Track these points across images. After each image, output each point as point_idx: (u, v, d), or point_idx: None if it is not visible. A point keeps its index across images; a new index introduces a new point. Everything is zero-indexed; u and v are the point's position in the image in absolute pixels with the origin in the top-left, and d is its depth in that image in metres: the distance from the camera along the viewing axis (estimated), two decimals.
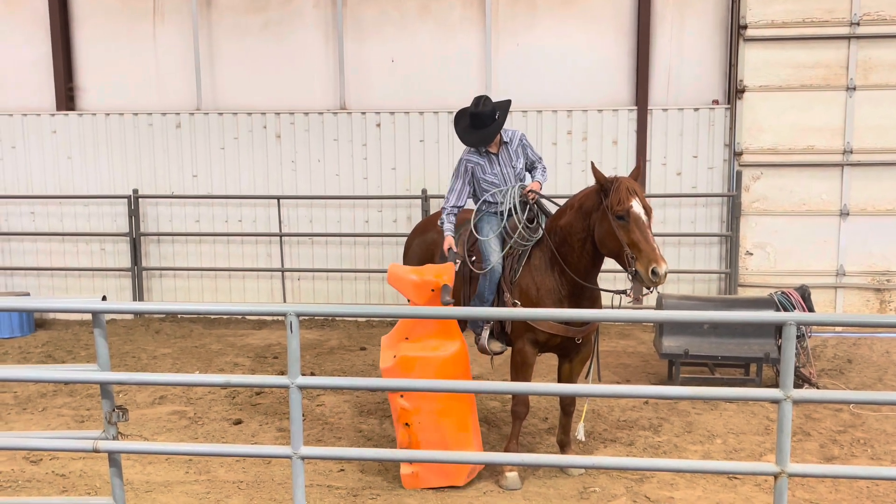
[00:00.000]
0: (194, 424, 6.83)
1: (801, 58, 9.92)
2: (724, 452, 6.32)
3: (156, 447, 4.50)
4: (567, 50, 10.42)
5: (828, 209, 10.09)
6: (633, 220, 5.19)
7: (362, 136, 10.67)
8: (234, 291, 11.06)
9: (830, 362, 8.73)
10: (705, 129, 10.23)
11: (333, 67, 10.73)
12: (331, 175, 10.75)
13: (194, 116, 10.87)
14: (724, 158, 10.23)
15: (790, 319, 3.18)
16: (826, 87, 9.94)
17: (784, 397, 3.22)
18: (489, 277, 5.86)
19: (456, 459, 4.54)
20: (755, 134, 10.10)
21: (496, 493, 5.55)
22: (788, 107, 10.00)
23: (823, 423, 6.83)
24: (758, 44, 9.94)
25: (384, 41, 10.64)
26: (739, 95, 10.03)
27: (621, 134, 10.36)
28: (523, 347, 5.74)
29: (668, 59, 10.34)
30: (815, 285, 9.30)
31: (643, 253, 5.12)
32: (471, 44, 10.58)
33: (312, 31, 10.73)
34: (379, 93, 10.75)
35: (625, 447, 6.38)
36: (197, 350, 9.34)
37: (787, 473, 3.31)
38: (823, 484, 5.69)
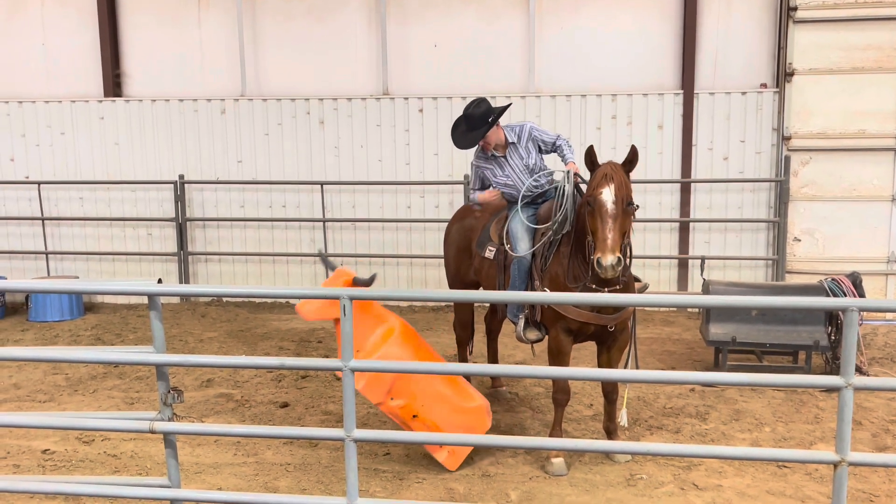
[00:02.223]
0: (241, 407, 6.91)
1: (853, 39, 9.70)
2: (773, 440, 6.24)
3: (210, 429, 4.56)
4: (611, 33, 10.30)
5: (879, 195, 9.88)
6: (597, 207, 5.13)
7: (405, 121, 10.67)
8: (278, 276, 11.16)
9: (881, 350, 8.58)
10: (753, 113, 10.06)
11: (376, 52, 10.73)
12: (373, 161, 10.78)
13: (238, 102, 10.95)
14: (772, 143, 10.05)
15: (853, 305, 3.12)
16: (878, 69, 9.71)
17: (845, 385, 3.17)
18: (519, 265, 5.86)
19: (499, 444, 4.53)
20: (804, 118, 9.91)
21: (542, 479, 5.55)
22: (839, 90, 9.79)
23: (875, 413, 6.72)
24: (808, 25, 9.73)
25: (427, 25, 10.62)
26: (788, 79, 9.83)
27: (667, 118, 10.23)
28: (557, 335, 5.71)
29: (714, 42, 10.17)
30: (865, 272, 9.09)
31: (597, 242, 5.09)
32: (514, 28, 10.51)
33: (356, 14, 10.73)
34: (421, 78, 10.73)
35: (672, 434, 6.34)
36: (242, 334, 9.44)
37: (848, 462, 3.25)
38: (877, 474, 5.60)
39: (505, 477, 5.60)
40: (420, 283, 10.85)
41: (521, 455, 5.90)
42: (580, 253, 5.56)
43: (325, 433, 4.09)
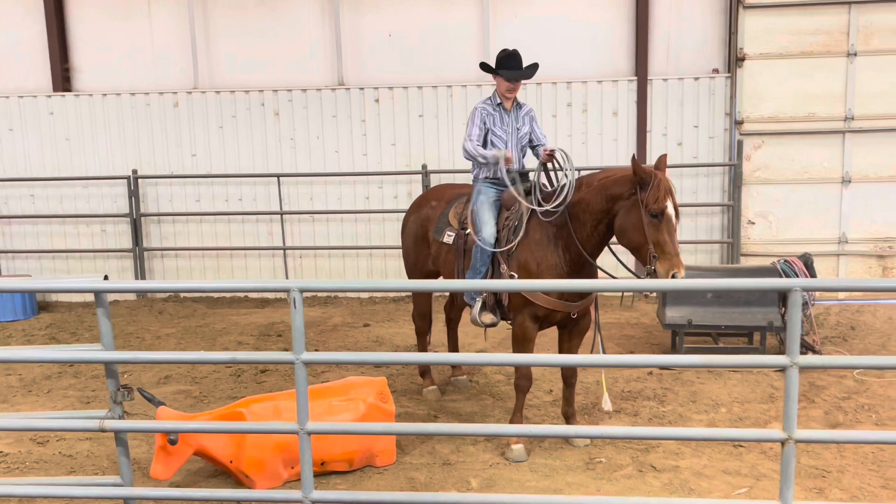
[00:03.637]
0: (200, 403, 6.85)
1: (802, 24, 9.84)
2: (729, 421, 6.34)
3: (161, 425, 4.50)
4: (566, 21, 10.33)
5: (829, 177, 10.05)
6: (666, 221, 5.20)
7: (361, 112, 10.62)
8: (236, 270, 11.06)
9: (834, 329, 8.74)
10: (706, 98, 10.17)
11: (331, 43, 10.65)
12: (330, 152, 10.71)
13: (192, 95, 10.81)
14: (725, 128, 10.18)
15: (796, 285, 3.17)
16: (827, 53, 9.87)
17: (791, 364, 3.22)
18: (481, 249, 5.85)
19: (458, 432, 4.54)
20: (756, 102, 10.04)
21: (502, 466, 5.57)
22: (789, 74, 9.94)
23: (828, 391, 6.85)
24: (757, 11, 9.85)
25: (382, 15, 10.56)
26: (739, 64, 9.96)
27: (621, 105, 10.30)
28: (523, 322, 5.73)
29: (667, 28, 10.25)
30: (817, 253, 9.30)
31: (667, 255, 5.17)
32: (469, 16, 10.49)
33: (309, 5, 10.64)
34: (377, 68, 10.68)
35: (630, 417, 6.40)
36: (201, 329, 9.35)
37: (795, 440, 3.31)
38: (829, 450, 5.71)
39: (466, 465, 5.61)
40: (380, 274, 10.84)
41: (482, 442, 5.93)
42: (561, 241, 5.64)
43: (279, 426, 4.07)
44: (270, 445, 5.15)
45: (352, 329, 9.21)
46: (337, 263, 10.90)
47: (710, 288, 3.82)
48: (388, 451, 5.62)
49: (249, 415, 5.09)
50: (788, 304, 3.17)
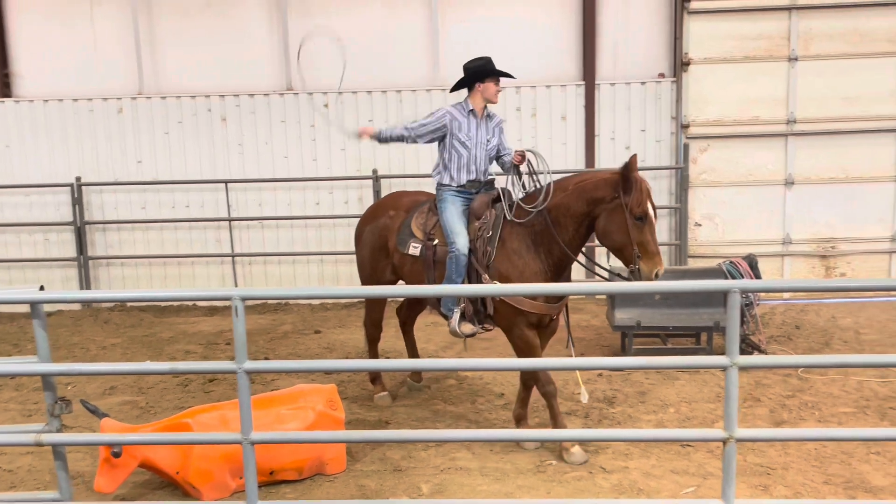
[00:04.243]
0: (146, 414, 6.73)
1: (744, 30, 10.03)
2: (677, 421, 6.41)
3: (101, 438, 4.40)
4: (514, 26, 10.38)
5: (773, 179, 10.25)
6: (649, 222, 5.39)
7: (310, 117, 10.55)
8: (184, 278, 10.90)
9: (779, 329, 8.89)
10: (652, 102, 10.30)
11: (278, 47, 10.57)
12: (279, 157, 10.62)
13: (136, 101, 10.64)
14: (672, 131, 10.32)
15: (734, 287, 3.21)
16: (769, 58, 10.07)
17: (730, 364, 3.27)
18: (457, 260, 5.80)
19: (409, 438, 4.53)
20: (701, 106, 10.20)
21: (453, 471, 5.56)
22: (733, 78, 10.11)
23: (773, 389, 6.96)
24: (701, 16, 10.01)
25: (330, 19, 10.49)
26: (684, 68, 10.11)
27: (570, 109, 10.39)
28: (522, 332, 5.77)
29: (613, 33, 10.37)
30: (762, 254, 9.47)
31: (650, 255, 5.36)
32: (417, 21, 10.49)
33: (256, 9, 10.54)
34: (326, 73, 10.58)
35: (580, 419, 6.44)
36: (147, 339, 9.19)
37: (735, 439, 3.35)
38: (773, 448, 5.80)
39: (417, 470, 5.59)
40: (332, 280, 10.77)
41: (433, 448, 5.90)
42: (542, 246, 5.69)
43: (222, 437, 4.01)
44: (218, 456, 5.07)
45: (303, 336, 9.13)
46: (287, 270, 10.81)
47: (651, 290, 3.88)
48: (338, 459, 5.58)
49: (196, 425, 5.01)
50: (727, 306, 3.22)
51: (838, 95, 10.03)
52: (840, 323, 9.09)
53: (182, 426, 5.02)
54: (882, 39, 9.95)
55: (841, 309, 9.65)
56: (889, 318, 9.18)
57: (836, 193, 10.19)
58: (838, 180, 10.17)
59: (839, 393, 6.85)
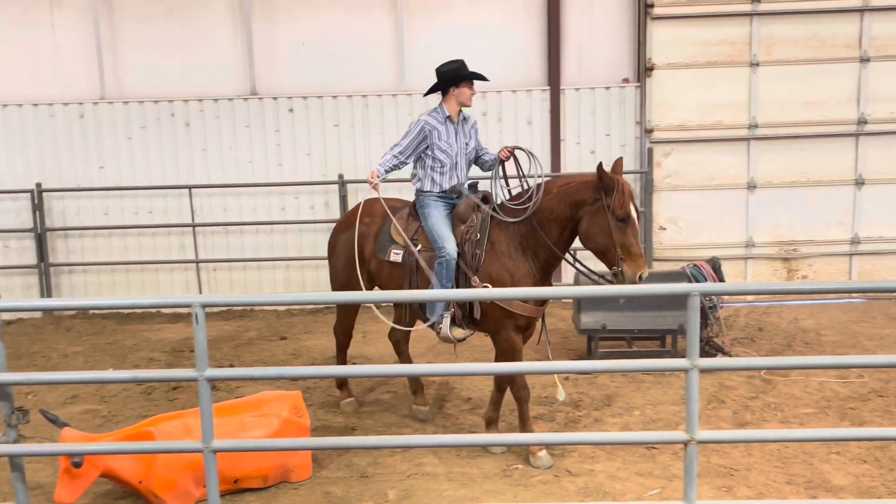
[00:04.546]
0: (109, 423, 6.64)
1: (707, 35, 10.14)
2: (643, 423, 6.45)
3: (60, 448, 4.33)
4: (480, 31, 10.39)
5: (736, 182, 10.37)
6: (631, 224, 5.42)
7: (275, 121, 10.48)
8: (148, 285, 10.77)
9: (743, 331, 8.99)
10: (617, 107, 10.38)
11: (242, 52, 10.49)
12: (244, 162, 10.54)
13: (98, 106, 10.50)
14: (636, 136, 10.40)
15: (693, 290, 3.24)
16: (731, 63, 10.19)
17: (691, 366, 3.30)
18: (447, 265, 5.77)
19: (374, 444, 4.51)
20: (665, 111, 10.30)
21: (419, 476, 5.56)
22: (696, 84, 10.22)
23: (737, 391, 7.04)
24: (664, 22, 10.11)
25: (295, 24, 10.45)
26: (648, 73, 10.20)
27: (535, 114, 10.43)
28: (510, 336, 5.77)
29: (578, 38, 10.43)
30: (725, 257, 9.57)
31: (634, 257, 5.38)
32: (383, 26, 10.47)
33: (219, 14, 10.46)
34: (291, 77, 10.56)
35: (546, 423, 6.47)
36: (110, 347, 9.07)
37: (697, 440, 3.38)
38: (737, 449, 5.86)
39: (383, 476, 5.58)
40: (297, 286, 10.70)
41: (399, 454, 5.90)
42: (530, 249, 5.72)
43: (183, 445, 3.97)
44: (181, 464, 5.02)
45: (268, 342, 9.07)
46: (253, 276, 10.72)
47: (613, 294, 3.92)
48: (303, 466, 5.55)
49: (159, 434, 4.94)
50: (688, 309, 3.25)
51: (799, 100, 10.18)
52: (802, 325, 9.21)
53: (144, 435, 4.95)
54: (841, 45, 10.12)
55: (803, 311, 9.78)
56: (850, 320, 9.32)
57: (798, 197, 10.34)
58: (799, 184, 10.31)
59: (801, 394, 6.95)
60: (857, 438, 5.76)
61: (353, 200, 10.33)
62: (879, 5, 9.95)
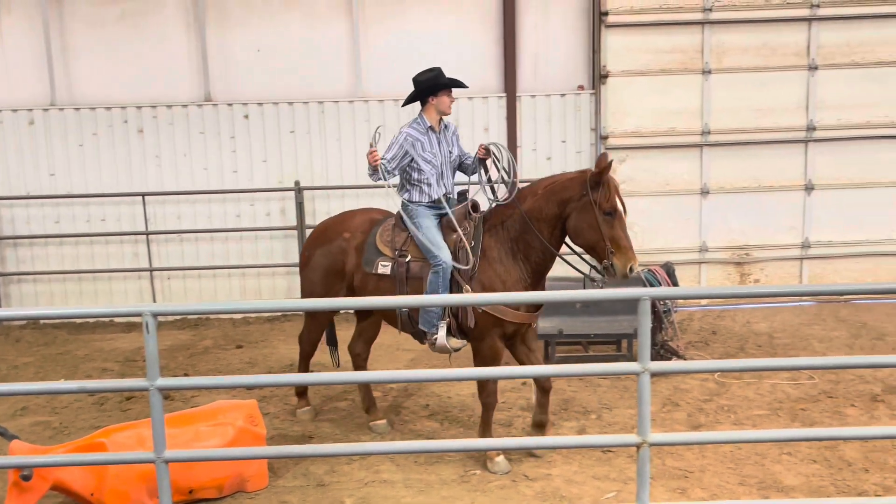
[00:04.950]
0: (60, 434, 6.52)
1: (660, 43, 10.27)
2: (599, 427, 6.51)
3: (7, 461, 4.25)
4: (436, 38, 10.39)
5: (690, 188, 10.50)
6: (618, 217, 5.50)
7: (230, 128, 10.38)
8: (101, 294, 10.59)
9: (697, 335, 9.11)
10: (572, 114, 10.46)
11: (197, 59, 10.38)
12: (198, 169, 10.42)
13: (48, 112, 10.31)
14: (591, 142, 10.49)
15: (644, 294, 3.28)
16: (684, 71, 10.33)
17: (642, 370, 3.34)
18: (443, 274, 5.74)
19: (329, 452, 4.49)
20: (619, 118, 10.40)
21: (377, 484, 5.56)
22: (650, 91, 10.33)
23: (691, 394, 7.13)
24: (618, 30, 10.22)
25: (249, 31, 10.37)
26: (603, 81, 10.30)
27: (492, 121, 10.48)
28: (494, 343, 5.77)
29: (534, 46, 10.49)
30: (680, 262, 9.69)
31: (623, 250, 5.48)
32: (339, 33, 10.44)
33: (173, 20, 10.34)
34: (246, 83, 10.47)
35: (504, 428, 6.49)
36: (62, 357, 8.91)
37: (649, 443, 3.42)
38: (691, 451, 5.95)
39: (340, 484, 5.57)
40: (254, 294, 10.60)
41: (357, 461, 5.88)
42: (520, 253, 5.75)
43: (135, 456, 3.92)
44: (134, 476, 4.94)
45: (224, 351, 8.97)
46: (208, 284, 10.60)
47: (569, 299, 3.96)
48: (259, 475, 5.50)
49: (111, 445, 4.87)
50: (639, 313, 3.29)
51: (750, 107, 10.34)
52: (755, 328, 9.36)
53: (96, 446, 4.87)
54: (791, 53, 10.32)
55: (756, 314, 9.95)
56: (801, 323, 9.49)
57: (750, 202, 10.49)
58: (751, 189, 10.49)
59: (754, 396, 7.06)
60: (807, 439, 5.87)
61: (309, 207, 10.31)
62: (826, 15, 10.16)
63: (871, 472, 5.63)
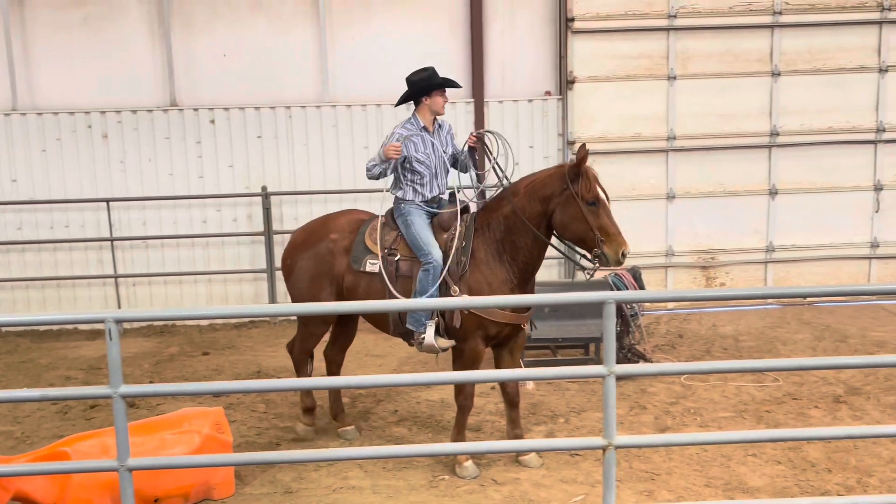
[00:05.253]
0: (22, 444, 6.44)
1: (626, 49, 10.36)
2: (568, 431, 6.54)
3: None
4: (403, 44, 10.39)
5: (656, 193, 10.59)
6: (602, 205, 5.58)
7: (196, 133, 10.29)
8: (65, 301, 10.43)
9: (664, 338, 9.19)
10: (539, 119, 10.51)
11: (162, 63, 10.28)
12: (164, 175, 10.31)
13: (10, 117, 10.15)
14: (559, 148, 10.55)
15: (608, 298, 3.31)
16: (649, 76, 10.43)
17: (608, 372, 3.36)
18: (433, 272, 5.73)
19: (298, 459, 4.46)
20: (586, 123, 10.47)
21: (345, 490, 5.54)
22: (616, 96, 10.42)
23: (658, 397, 7.19)
24: (585, 36, 10.30)
25: (215, 36, 10.29)
26: (570, 86, 10.37)
27: (460, 126, 10.43)
28: (476, 345, 5.75)
29: (501, 52, 10.53)
30: (647, 266, 9.79)
31: (612, 237, 5.58)
32: (306, 38, 10.39)
33: (137, 25, 10.23)
34: (212, 88, 10.39)
35: (473, 433, 6.49)
36: (24, 365, 8.77)
37: (615, 446, 3.44)
38: (658, 454, 5.99)
39: (308, 491, 5.54)
40: (220, 300, 10.51)
41: (325, 467, 5.85)
42: (506, 254, 5.75)
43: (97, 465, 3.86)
44: (98, 485, 4.87)
45: (190, 358, 8.88)
46: (174, 290, 10.50)
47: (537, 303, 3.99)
48: (226, 483, 5.46)
49: (75, 454, 4.80)
50: (603, 316, 3.31)
51: (714, 113, 10.47)
52: (720, 331, 9.46)
53: (59, 455, 4.80)
54: (754, 60, 10.47)
55: (721, 317, 10.05)
56: (766, 325, 9.61)
57: (715, 207, 10.61)
58: (716, 194, 10.61)
59: (720, 398, 7.14)
60: (771, 440, 5.95)
61: (276, 213, 10.25)
62: (788, 22, 10.33)
63: (834, 472, 5.71)
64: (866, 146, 10.63)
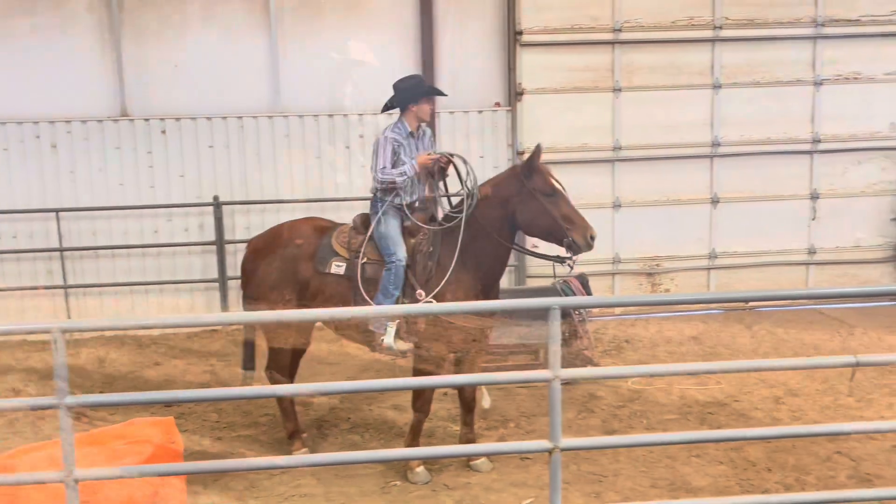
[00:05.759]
0: None
1: (573, 62, 10.59)
2: (518, 435, 6.66)
3: None
4: (354, 55, 10.49)
5: (603, 202, 10.81)
6: (561, 196, 5.69)
7: (147, 143, 10.25)
8: (12, 312, 10.24)
9: (611, 343, 9.38)
10: (489, 130, 10.67)
11: (112, 73, 10.22)
12: (114, 185, 10.24)
13: None
14: (508, 158, 10.71)
15: (554, 304, 3.44)
16: (596, 89, 10.67)
17: (553, 376, 3.48)
18: (396, 272, 5.80)
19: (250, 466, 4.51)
20: (535, 134, 10.58)
21: (298, 498, 5.59)
22: (563, 108, 10.64)
23: (605, 400, 7.36)
24: (533, 49, 10.51)
25: (166, 45, 10.26)
26: (518, 98, 10.56)
27: None
28: (438, 350, 5.77)
29: (452, 63, 10.67)
30: (594, 273, 9.95)
31: (577, 223, 5.65)
32: (258, 48, 10.42)
33: (87, 34, 10.15)
34: (163, 99, 10.35)
35: (425, 438, 6.56)
36: None
37: (560, 448, 3.57)
38: (605, 456, 6.15)
39: (260, 500, 5.59)
40: (172, 310, 10.44)
41: (278, 475, 5.90)
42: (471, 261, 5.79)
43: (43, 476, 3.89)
44: (48, 498, 4.86)
45: (142, 368, 8.84)
46: (125, 301, 10.42)
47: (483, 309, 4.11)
48: (177, 493, 5.46)
49: (21, 466, 4.77)
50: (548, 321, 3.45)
51: (658, 124, 10.74)
52: (666, 335, 9.68)
53: (6, 468, 4.78)
54: (696, 73, 10.78)
55: (666, 322, 10.28)
56: (709, 329, 9.85)
57: (659, 215, 10.88)
58: (660, 203, 10.88)
59: (665, 401, 7.34)
60: (714, 440, 6.16)
61: (228, 223, 10.24)
62: (728, 36, 10.66)
63: (774, 471, 5.93)
64: (803, 156, 11.03)
